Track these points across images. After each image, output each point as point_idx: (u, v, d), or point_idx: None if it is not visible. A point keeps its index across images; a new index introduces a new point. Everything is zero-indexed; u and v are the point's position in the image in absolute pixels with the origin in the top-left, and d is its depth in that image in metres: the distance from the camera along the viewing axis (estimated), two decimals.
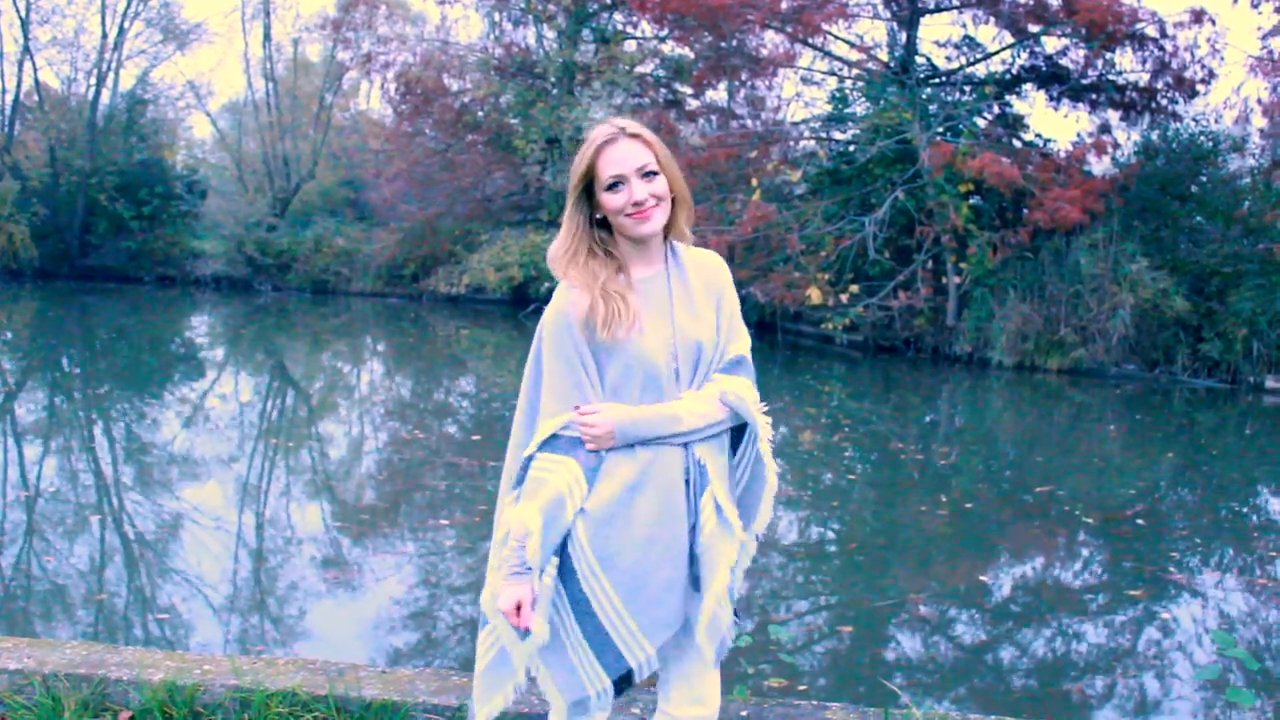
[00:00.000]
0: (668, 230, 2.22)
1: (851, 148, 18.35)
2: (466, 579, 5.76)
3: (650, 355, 2.14)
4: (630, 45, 25.03)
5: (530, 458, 2.15)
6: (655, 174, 2.14)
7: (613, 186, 2.13)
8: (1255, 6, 15.93)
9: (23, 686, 3.13)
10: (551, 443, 2.13)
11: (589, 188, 2.18)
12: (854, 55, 19.05)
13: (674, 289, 2.20)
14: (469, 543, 6.36)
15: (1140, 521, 7.39)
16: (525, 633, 2.12)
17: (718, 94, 23.80)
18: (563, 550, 2.13)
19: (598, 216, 2.20)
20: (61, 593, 5.34)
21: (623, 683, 2.16)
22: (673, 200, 2.19)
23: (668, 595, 2.15)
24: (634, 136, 2.15)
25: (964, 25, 18.84)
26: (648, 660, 2.15)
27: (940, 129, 16.64)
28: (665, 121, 20.23)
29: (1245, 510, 8.40)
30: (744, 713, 3.03)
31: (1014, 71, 18.81)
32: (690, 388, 2.18)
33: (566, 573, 2.13)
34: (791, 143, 19.87)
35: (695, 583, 2.18)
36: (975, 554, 6.67)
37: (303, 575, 5.73)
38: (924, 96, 17.60)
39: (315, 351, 17.57)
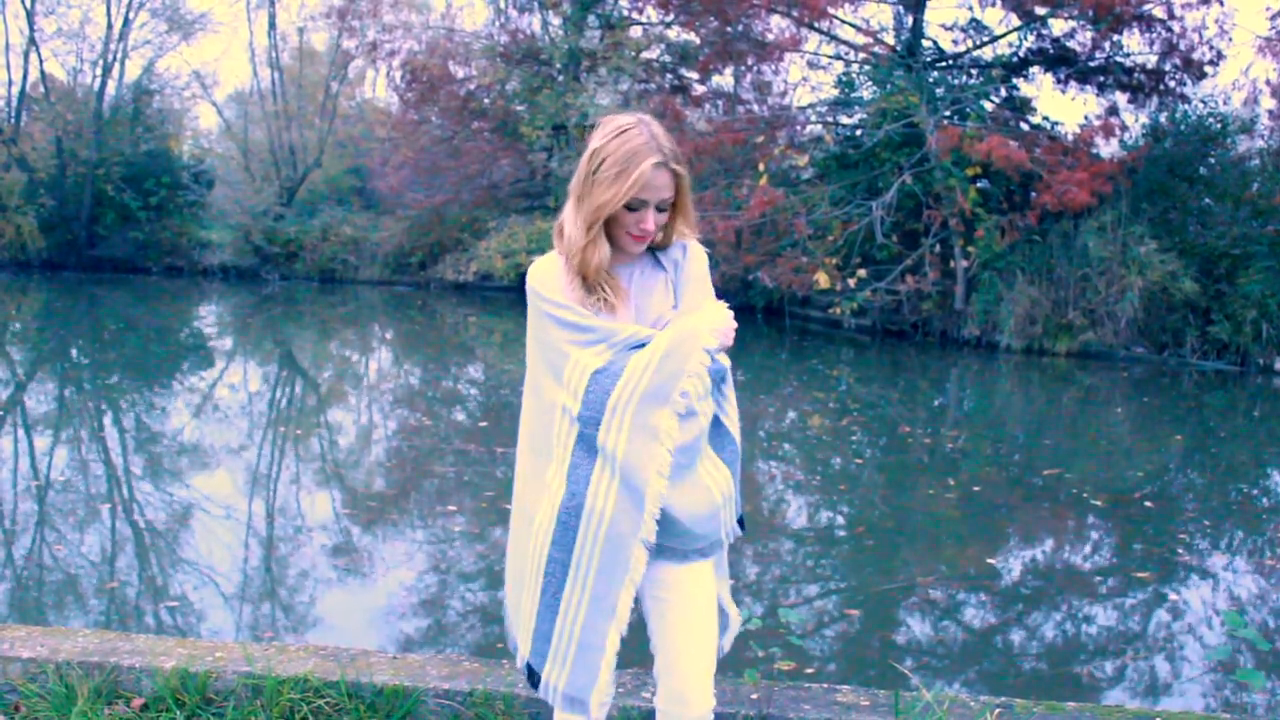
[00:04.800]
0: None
1: (858, 132, 18.29)
2: (476, 566, 5.78)
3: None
4: (636, 31, 24.92)
5: None
6: (665, 210, 2.18)
7: (641, 204, 2.12)
8: None
9: (36, 674, 3.15)
10: None
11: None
12: (860, 39, 18.98)
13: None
14: (478, 529, 6.37)
15: (1149, 504, 7.37)
16: None
17: (724, 79, 23.71)
18: None
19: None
20: (73, 582, 5.37)
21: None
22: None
23: None
24: (675, 170, 2.13)
25: (970, 8, 18.83)
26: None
27: (947, 112, 16.57)
28: (671, 107, 20.14)
29: (1255, 492, 8.39)
30: (754, 695, 3.04)
31: (1021, 54, 18.72)
32: None
33: None
34: (798, 127, 19.80)
35: None
36: (984, 537, 6.67)
37: (313, 563, 5.75)
38: (931, 80, 17.52)
39: (323, 340, 17.60)
